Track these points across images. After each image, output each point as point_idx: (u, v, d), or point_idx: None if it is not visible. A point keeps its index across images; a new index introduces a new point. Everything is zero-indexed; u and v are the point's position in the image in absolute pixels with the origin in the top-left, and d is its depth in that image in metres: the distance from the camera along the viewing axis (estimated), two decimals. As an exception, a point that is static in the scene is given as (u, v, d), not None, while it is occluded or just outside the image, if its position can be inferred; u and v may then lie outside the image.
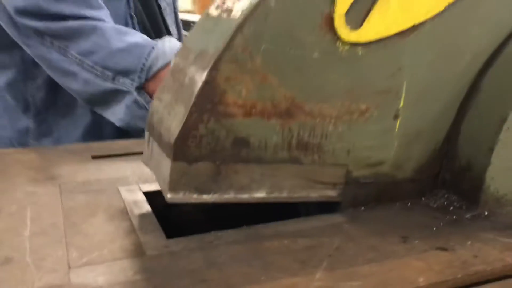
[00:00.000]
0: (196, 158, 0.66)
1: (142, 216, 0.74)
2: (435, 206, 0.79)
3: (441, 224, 0.73)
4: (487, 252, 0.64)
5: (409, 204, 0.80)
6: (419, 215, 0.76)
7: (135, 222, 0.71)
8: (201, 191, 0.67)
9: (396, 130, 0.77)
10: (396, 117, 0.76)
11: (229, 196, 0.69)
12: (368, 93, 0.73)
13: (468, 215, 0.76)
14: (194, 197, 0.67)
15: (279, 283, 0.56)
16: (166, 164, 0.66)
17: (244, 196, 0.70)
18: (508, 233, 0.70)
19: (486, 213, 0.76)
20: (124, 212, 0.75)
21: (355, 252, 0.64)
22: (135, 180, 0.87)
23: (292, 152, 0.71)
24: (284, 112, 0.68)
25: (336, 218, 0.74)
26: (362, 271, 0.60)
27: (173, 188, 0.65)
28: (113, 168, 0.94)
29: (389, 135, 0.76)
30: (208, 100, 0.64)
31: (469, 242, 0.67)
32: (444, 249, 0.65)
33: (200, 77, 0.64)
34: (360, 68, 0.71)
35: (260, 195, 0.71)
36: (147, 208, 0.77)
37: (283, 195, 0.72)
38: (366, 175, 0.77)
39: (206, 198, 0.67)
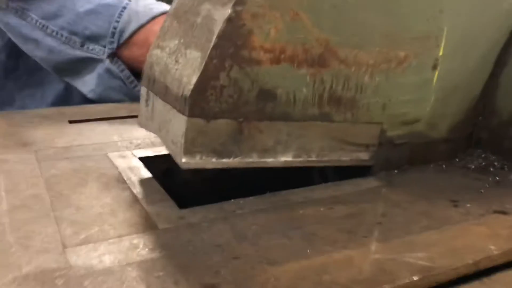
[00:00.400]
0: (215, 114, 0.54)
1: (144, 184, 0.62)
2: (472, 167, 0.71)
3: (487, 185, 0.65)
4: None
5: (443, 166, 0.71)
6: (459, 176, 0.68)
7: (137, 190, 0.59)
8: (220, 154, 0.56)
9: (434, 82, 0.67)
10: (435, 67, 0.66)
11: (252, 160, 0.58)
12: (407, 39, 0.63)
13: (511, 176, 0.68)
14: (213, 161, 0.55)
15: (330, 257, 0.46)
16: (178, 121, 0.54)
17: (269, 160, 0.59)
18: None
19: None
20: (120, 180, 0.62)
21: (406, 219, 0.55)
22: (125, 145, 0.75)
23: (323, 107, 0.60)
24: (317, 58, 0.57)
25: (370, 182, 0.65)
26: (422, 240, 0.50)
27: (188, 150, 0.54)
28: (96, 132, 0.81)
29: (427, 88, 0.67)
30: (231, 43, 0.52)
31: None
32: (503, 213, 0.57)
33: (221, 14, 0.52)
34: (399, 7, 0.61)
35: (286, 158, 0.60)
36: (147, 174, 0.64)
37: (312, 158, 0.62)
38: (400, 134, 0.68)
39: (226, 162, 0.56)
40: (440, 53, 0.66)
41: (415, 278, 0.43)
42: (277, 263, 0.45)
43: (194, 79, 0.52)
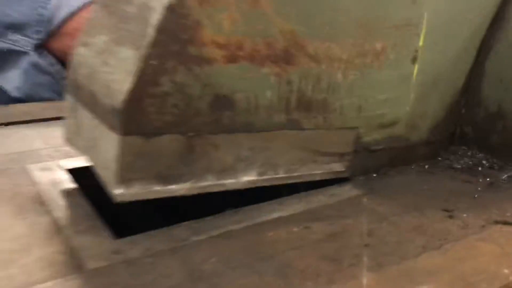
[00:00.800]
0: (158, 129, 0.42)
1: (71, 205, 0.49)
2: (459, 167, 0.62)
3: (479, 189, 0.56)
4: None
5: (426, 166, 0.62)
6: (446, 179, 0.59)
7: (60, 215, 0.47)
8: (166, 180, 0.44)
9: (414, 77, 0.58)
10: (414, 59, 0.57)
11: (207, 184, 0.46)
12: (385, 27, 0.53)
13: (504, 176, 0.60)
14: (157, 190, 0.44)
15: None
16: (110, 141, 0.42)
17: (228, 182, 0.48)
18: None
19: None
20: (39, 202, 0.49)
21: (397, 237, 0.45)
22: (49, 153, 0.61)
23: (291, 113, 0.49)
24: (282, 54, 0.47)
25: (348, 191, 0.55)
26: (422, 266, 0.41)
27: (123, 178, 0.42)
28: (14, 139, 0.66)
29: (406, 85, 0.58)
30: (174, 38, 0.41)
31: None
32: (505, 223, 0.49)
33: (160, 1, 0.40)
34: (376, -9, 0.51)
35: (249, 177, 0.49)
36: (76, 192, 0.52)
37: (280, 175, 0.51)
38: (378, 139, 0.58)
39: (175, 189, 0.45)
40: (420, 43, 0.57)
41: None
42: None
43: (127, 86, 0.40)
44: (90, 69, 0.47)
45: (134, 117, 0.41)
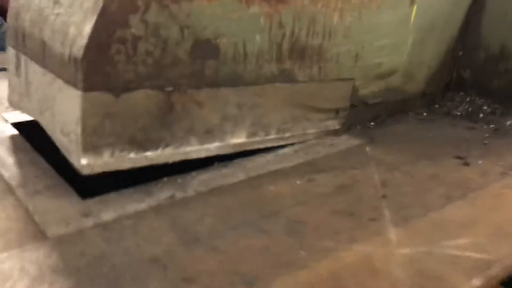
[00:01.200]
0: (129, 83, 0.34)
1: (22, 163, 0.40)
2: (458, 113, 0.57)
3: (486, 135, 0.51)
4: None
5: (424, 113, 0.57)
6: (448, 127, 0.54)
7: (9, 173, 0.38)
8: (141, 145, 0.36)
9: (412, 20, 0.52)
10: (413, 1, 0.51)
11: (190, 149, 0.39)
12: (384, -39, 0.46)
13: (508, 122, 0.55)
14: (131, 158, 0.36)
15: (338, 261, 0.30)
16: (69, 100, 0.34)
17: (214, 146, 0.40)
18: None
19: None
20: None
21: (415, 187, 0.39)
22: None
23: (283, 63, 0.42)
24: (273, -10, 0.39)
25: (347, 140, 0.48)
26: (451, 217, 0.35)
27: (90, 145, 0.34)
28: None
29: (404, 29, 0.51)
30: (144, -36, 0.32)
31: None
32: None
33: None
34: None
35: (237, 140, 0.42)
36: (26, 147, 0.43)
37: (271, 136, 0.44)
38: (375, 92, 0.52)
39: (153, 156, 0.37)
40: (420, -19, 0.51)
41: (476, 283, 0.28)
42: (260, 282, 0.27)
43: (87, 28, 0.32)
44: (38, 12, 0.38)
45: (99, 67, 0.32)
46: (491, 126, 0.54)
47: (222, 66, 0.38)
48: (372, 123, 0.52)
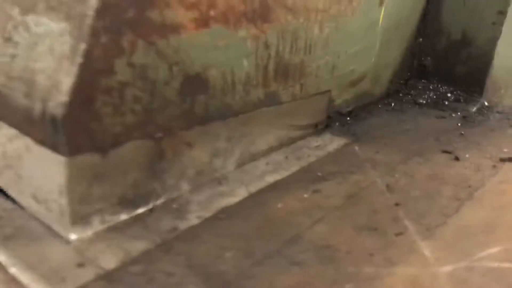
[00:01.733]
0: (117, 137, 0.29)
1: None
2: (424, 102, 0.57)
3: (458, 125, 0.52)
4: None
5: (392, 104, 0.56)
6: (419, 117, 0.53)
7: None
8: (133, 202, 0.31)
9: (380, 22, 0.50)
10: (381, 2, 0.49)
11: (181, 194, 0.34)
12: (358, -35, 0.44)
13: (473, 109, 0.56)
14: (122, 220, 0.31)
15: (389, 285, 0.28)
16: (46, 164, 0.28)
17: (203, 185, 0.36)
18: None
19: (486, 104, 0.57)
20: None
21: (421, 190, 0.38)
22: None
23: (269, 85, 0.38)
24: (259, 9, 0.35)
25: (331, 140, 0.46)
26: (471, 222, 0.35)
27: (78, 215, 0.28)
28: None
29: (373, 32, 0.49)
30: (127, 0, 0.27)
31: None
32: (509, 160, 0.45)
33: None
34: None
35: (226, 172, 0.38)
36: None
37: (257, 160, 0.41)
38: (348, 99, 0.50)
39: (144, 212, 0.32)
40: (387, -18, 0.49)
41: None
42: None
43: (67, 81, 0.26)
44: (-21, 50, 0.31)
45: (83, 126, 0.27)
46: (459, 113, 0.54)
47: (211, 100, 0.34)
48: (348, 118, 0.51)
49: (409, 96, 0.58)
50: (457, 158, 0.44)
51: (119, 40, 0.27)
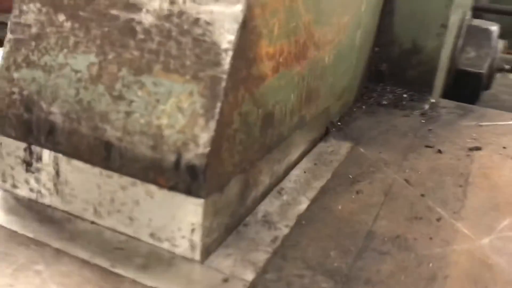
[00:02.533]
0: (229, 176, 0.33)
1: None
2: (386, 103, 0.67)
3: (422, 121, 0.63)
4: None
5: (363, 107, 0.65)
6: (390, 117, 0.63)
7: None
8: (231, 230, 0.36)
9: (357, 41, 0.58)
10: (359, 25, 0.57)
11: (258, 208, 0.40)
12: (349, 2, 0.51)
13: (426, 107, 0.67)
14: (229, 240, 0.35)
15: (456, 260, 0.37)
16: (174, 206, 0.31)
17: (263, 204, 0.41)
18: (471, 116, 0.66)
19: (434, 101, 0.69)
20: None
21: (432, 181, 0.48)
22: None
23: (301, 110, 0.45)
24: (301, 50, 0.41)
25: (339, 144, 0.54)
26: (479, 202, 0.46)
27: (205, 248, 0.32)
28: None
29: (353, 50, 0.57)
30: (243, 60, 0.31)
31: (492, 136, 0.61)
32: (478, 148, 0.58)
33: (231, 17, 0.30)
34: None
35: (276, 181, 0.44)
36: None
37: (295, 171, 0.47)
38: (336, 111, 0.57)
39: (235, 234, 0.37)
40: (363, 9, 0.57)
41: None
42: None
43: (204, 136, 0.30)
44: (79, 106, 0.33)
45: (214, 171, 0.31)
46: (417, 111, 0.65)
47: (275, 130, 0.39)
48: (339, 124, 0.58)
49: (373, 99, 0.68)
50: (440, 151, 0.55)
51: (237, 95, 0.31)
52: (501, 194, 0.48)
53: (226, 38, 0.30)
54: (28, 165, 0.36)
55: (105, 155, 0.33)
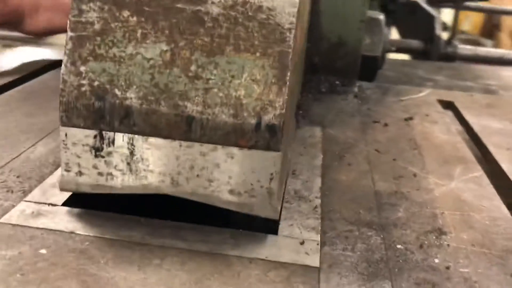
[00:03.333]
0: (287, 130, 0.41)
1: None
2: (325, 90, 0.79)
3: (359, 102, 0.76)
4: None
5: (309, 95, 0.76)
6: (335, 101, 0.75)
7: None
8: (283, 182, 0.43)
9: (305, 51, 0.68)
10: (306, 36, 0.67)
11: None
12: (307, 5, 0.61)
13: (355, 89, 0.80)
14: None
15: (437, 194, 0.48)
16: (253, 162, 0.38)
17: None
18: (391, 93, 0.81)
19: (359, 85, 0.82)
20: None
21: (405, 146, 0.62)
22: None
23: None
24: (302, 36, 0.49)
25: (313, 129, 0.64)
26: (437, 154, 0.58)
27: (279, 194, 0.39)
28: None
29: (304, 54, 0.68)
30: (297, 37, 0.39)
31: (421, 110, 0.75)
32: (409, 118, 0.71)
33: (290, 6, 0.37)
34: None
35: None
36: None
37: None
38: (297, 101, 0.67)
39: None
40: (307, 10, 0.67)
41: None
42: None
43: (279, 100, 0.37)
44: (157, 89, 0.38)
45: (286, 127, 0.38)
46: (350, 94, 0.78)
47: (294, 99, 0.47)
48: (300, 112, 0.68)
49: (313, 88, 0.79)
50: (386, 124, 0.67)
51: (294, 64, 0.39)
52: (444, 150, 0.62)
53: (288, 20, 0.38)
54: (97, 150, 0.39)
55: (185, 128, 0.38)
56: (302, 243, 0.41)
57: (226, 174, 0.39)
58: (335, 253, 0.40)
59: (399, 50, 1.36)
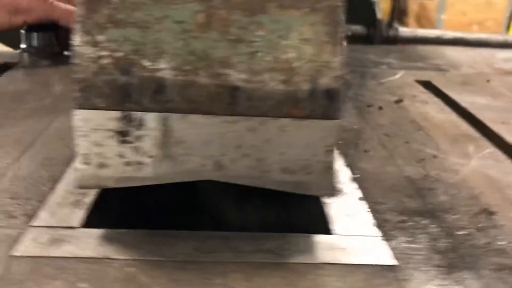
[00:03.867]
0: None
1: None
2: None
3: (346, 88, 0.73)
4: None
5: None
6: None
7: None
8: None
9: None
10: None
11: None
12: None
13: None
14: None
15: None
16: (310, 134, 0.33)
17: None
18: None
19: None
20: None
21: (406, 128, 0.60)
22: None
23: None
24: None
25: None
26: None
27: (333, 168, 0.35)
28: None
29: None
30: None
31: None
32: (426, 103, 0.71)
33: None
34: None
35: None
36: None
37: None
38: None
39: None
40: None
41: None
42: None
43: (335, 60, 0.33)
44: (193, 58, 0.32)
45: (343, 91, 0.34)
46: None
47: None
48: None
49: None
50: (380, 108, 0.66)
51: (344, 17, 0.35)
52: (447, 129, 0.61)
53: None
54: (123, 135, 0.33)
55: (229, 100, 0.33)
56: (364, 240, 0.37)
57: (278, 150, 0.34)
58: (401, 247, 0.37)
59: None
